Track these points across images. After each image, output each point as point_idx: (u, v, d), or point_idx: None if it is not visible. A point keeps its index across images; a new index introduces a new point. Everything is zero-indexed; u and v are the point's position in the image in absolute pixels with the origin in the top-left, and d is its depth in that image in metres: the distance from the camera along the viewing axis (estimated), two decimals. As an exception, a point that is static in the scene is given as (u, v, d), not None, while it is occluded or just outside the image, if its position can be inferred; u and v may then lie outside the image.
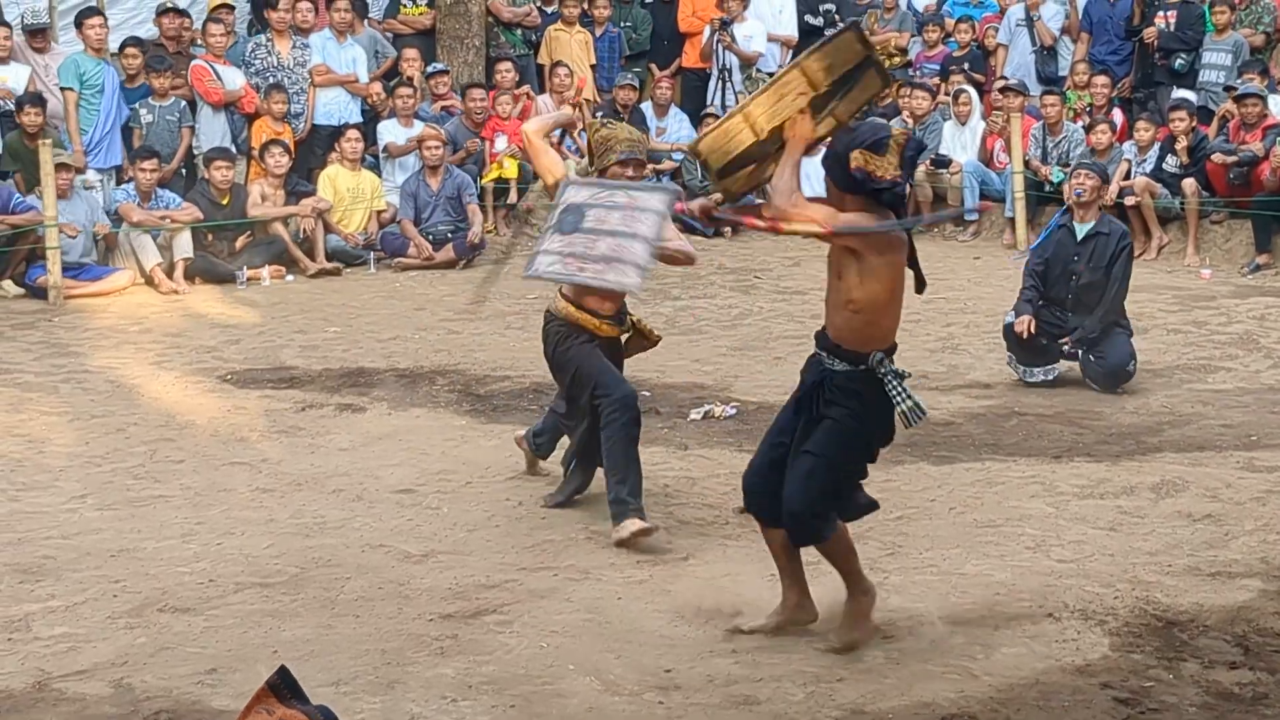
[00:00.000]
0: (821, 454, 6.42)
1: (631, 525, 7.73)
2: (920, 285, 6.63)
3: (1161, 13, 18.25)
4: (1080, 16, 19.05)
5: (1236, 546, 7.76)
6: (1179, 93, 17.48)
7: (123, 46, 17.16)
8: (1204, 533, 8.01)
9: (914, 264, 6.52)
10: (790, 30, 19.79)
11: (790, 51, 19.60)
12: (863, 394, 6.43)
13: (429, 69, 18.29)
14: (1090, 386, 11.06)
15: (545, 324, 8.36)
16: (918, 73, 19.47)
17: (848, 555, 6.59)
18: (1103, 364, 11.03)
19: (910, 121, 18.45)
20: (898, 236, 6.37)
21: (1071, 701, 6.02)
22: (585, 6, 19.44)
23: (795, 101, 6.44)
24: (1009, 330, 11.23)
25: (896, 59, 21.12)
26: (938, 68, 19.39)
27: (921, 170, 17.95)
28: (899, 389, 6.41)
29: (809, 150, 6.54)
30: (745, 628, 6.73)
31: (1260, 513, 8.30)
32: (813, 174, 6.67)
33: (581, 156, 18.10)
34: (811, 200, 6.41)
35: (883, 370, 6.41)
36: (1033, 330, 11.02)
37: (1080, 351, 11.15)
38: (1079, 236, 11.30)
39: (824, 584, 6.75)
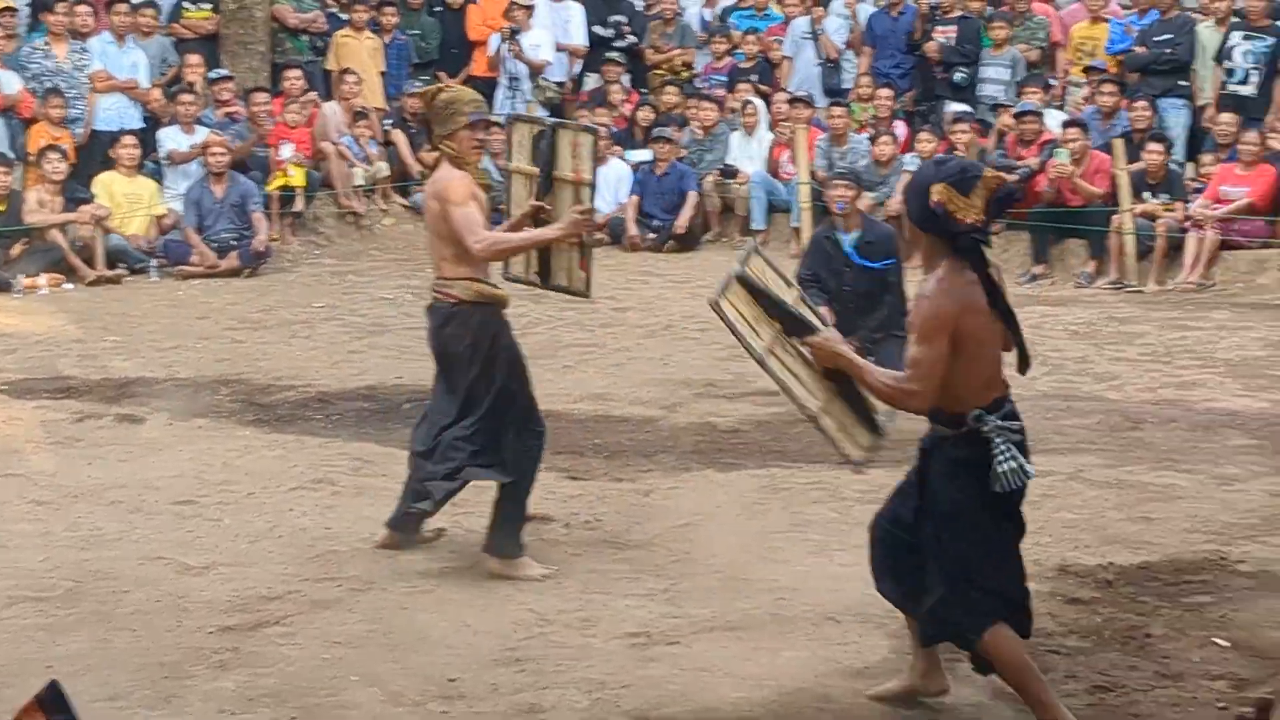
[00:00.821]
0: (943, 545, 5.76)
1: (536, 569, 7.47)
2: (1024, 365, 5.85)
3: (942, 28, 18.59)
4: (863, 30, 19.31)
5: (1031, 544, 7.89)
6: (958, 106, 17.81)
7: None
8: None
9: (1015, 336, 5.80)
10: (580, 40, 19.84)
11: (580, 61, 19.67)
12: (966, 461, 5.71)
13: (212, 75, 18.02)
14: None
15: (466, 318, 7.56)
16: (705, 84, 19.62)
17: (1016, 669, 5.76)
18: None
19: (700, 133, 18.60)
20: (963, 287, 5.66)
21: (851, 704, 6.09)
22: (374, 13, 19.30)
23: (794, 358, 6.14)
24: None
25: (684, 73, 21.27)
26: (725, 79, 19.54)
27: (710, 180, 18.09)
28: (1003, 448, 5.64)
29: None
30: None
31: (1034, 516, 8.40)
32: (603, 186, 6.64)
33: (370, 164, 18.02)
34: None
35: (986, 428, 5.68)
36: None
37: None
38: (845, 246, 10.98)
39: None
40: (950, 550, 5.72)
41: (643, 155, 18.32)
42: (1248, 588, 7.41)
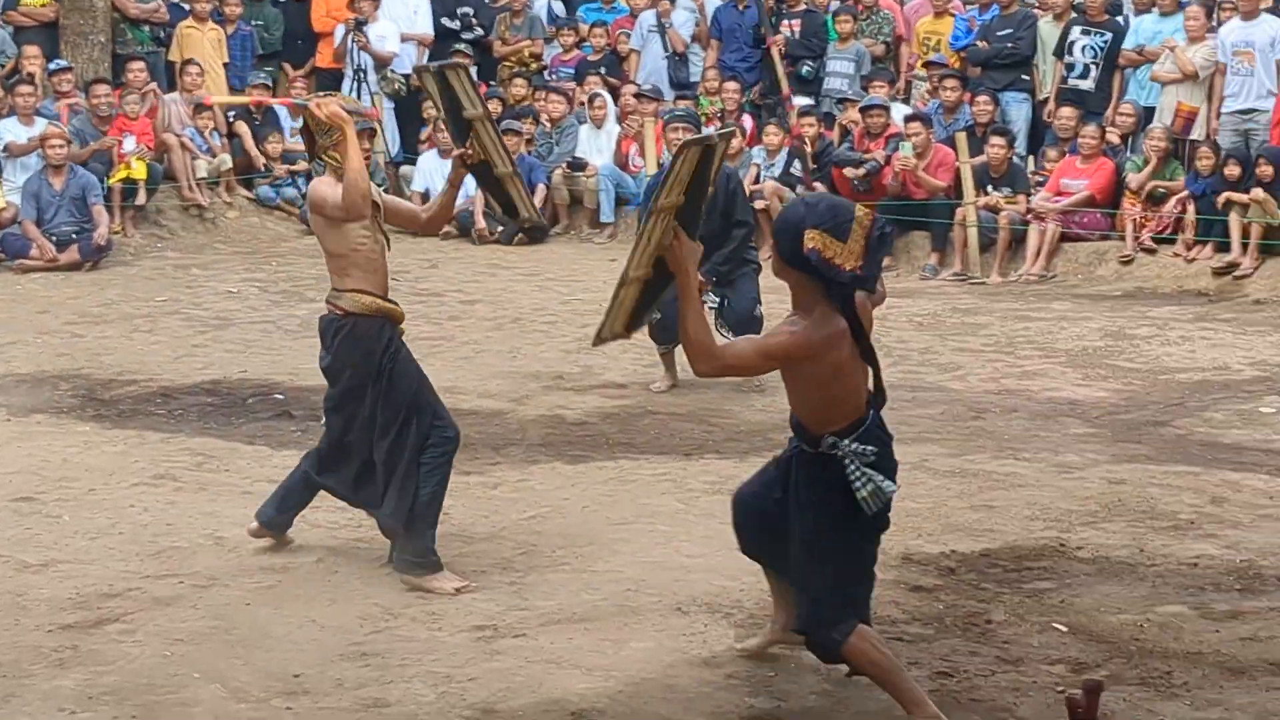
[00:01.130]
0: (810, 556, 5.83)
1: (450, 582, 7.20)
2: (878, 400, 5.84)
3: (787, 21, 18.70)
4: (710, 24, 19.39)
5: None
6: (802, 100, 17.95)
7: None
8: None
9: (875, 375, 5.82)
10: (425, 29, 19.74)
11: (426, 51, 19.57)
12: (824, 480, 5.76)
13: (51, 66, 17.73)
14: (724, 334, 10.55)
15: (345, 329, 7.39)
16: (553, 77, 19.62)
17: (878, 668, 5.82)
18: (731, 311, 11.03)
19: (548, 125, 18.58)
20: (829, 338, 5.66)
21: (697, 694, 6.12)
22: (216, 4, 19.09)
23: (664, 229, 5.98)
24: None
25: (532, 65, 21.23)
26: (573, 71, 19.54)
27: (558, 173, 18.09)
28: (857, 473, 5.68)
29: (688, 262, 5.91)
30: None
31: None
32: (432, 169, 6.57)
33: (213, 156, 17.81)
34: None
35: (840, 452, 5.71)
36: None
37: (713, 295, 10.90)
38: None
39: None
40: (816, 563, 5.80)
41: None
42: (1086, 574, 7.53)
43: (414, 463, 7.32)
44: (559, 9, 20.78)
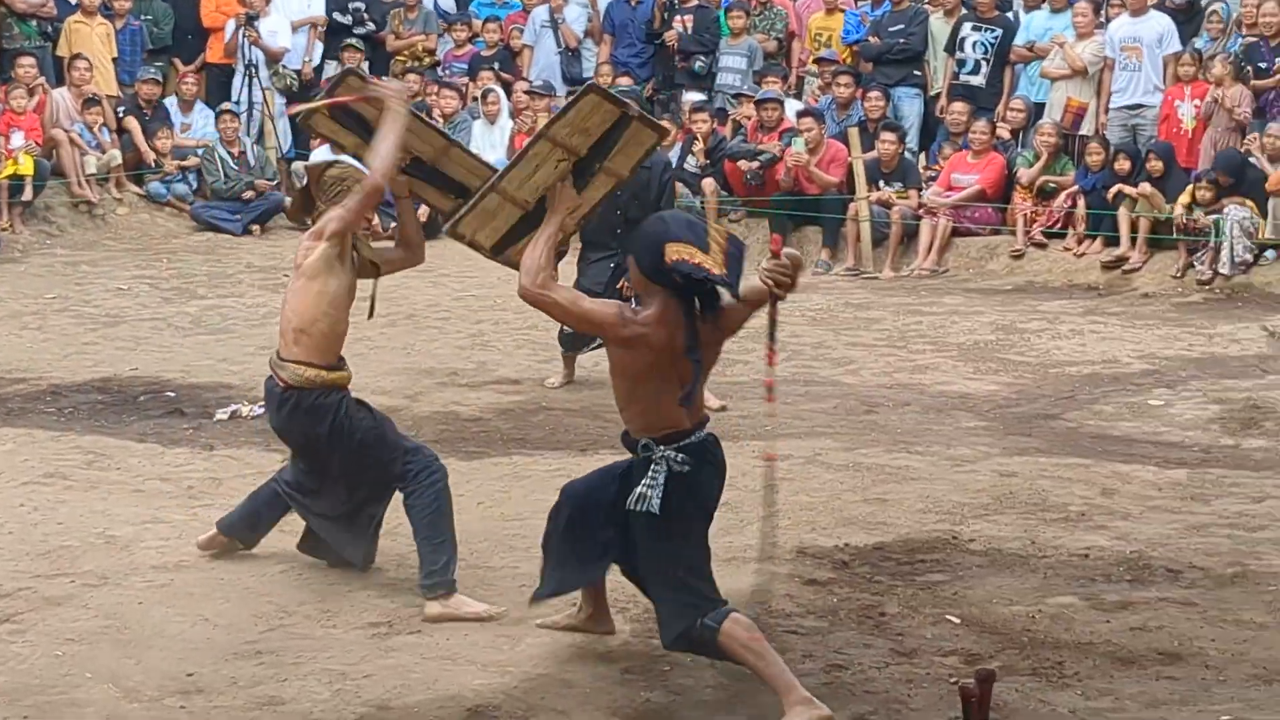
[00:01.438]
0: (656, 554, 6.06)
1: (470, 606, 6.93)
2: (685, 400, 6.03)
3: (680, 16, 18.74)
4: (603, 19, 19.40)
5: (750, 533, 7.99)
6: (695, 95, 17.99)
7: None
8: (720, 519, 8.11)
9: (696, 379, 6.02)
10: (319, 11, 19.61)
11: (319, 46, 19.46)
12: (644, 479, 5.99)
13: (-64, 60, 17.51)
14: None
15: (290, 403, 7.03)
16: (447, 72, 19.56)
17: (751, 652, 5.91)
18: None
19: (441, 120, 18.52)
20: (649, 335, 5.89)
21: (593, 689, 6.13)
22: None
23: (556, 169, 6.13)
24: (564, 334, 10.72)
25: (426, 60, 21.13)
26: (466, 67, 19.49)
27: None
28: (653, 477, 5.95)
29: (589, 215, 6.32)
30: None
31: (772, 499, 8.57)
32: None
33: (103, 152, 17.60)
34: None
35: (654, 455, 5.97)
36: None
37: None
38: None
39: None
40: (668, 556, 6.00)
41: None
42: (979, 566, 7.60)
43: (378, 513, 7.28)
44: (448, 4, 20.69)
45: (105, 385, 11.12)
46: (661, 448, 5.98)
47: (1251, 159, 14.92)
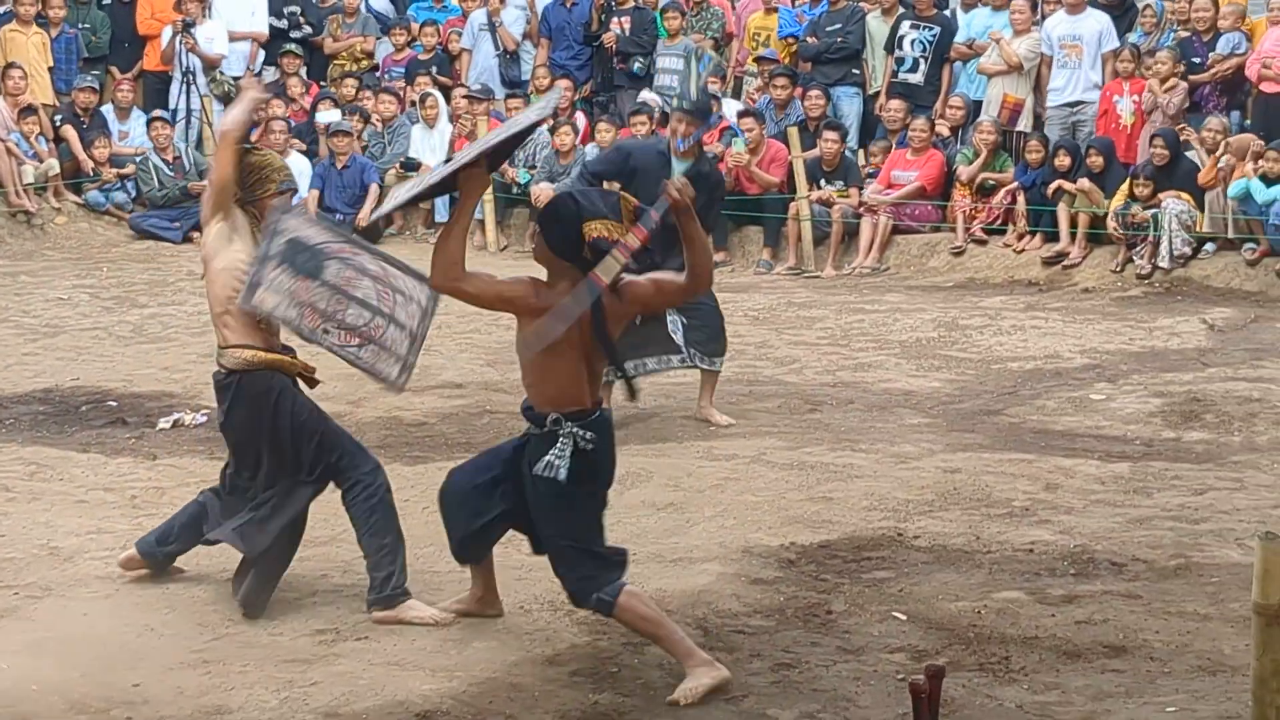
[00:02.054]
0: (559, 536, 6.29)
1: (421, 612, 6.90)
2: (631, 394, 6.83)
3: (617, 18, 18.73)
4: (540, 22, 19.38)
5: (696, 533, 8.02)
6: (642, 95, 17.98)
7: None
8: (666, 520, 8.25)
9: (610, 357, 6.26)
10: (261, 29, 19.55)
11: (260, 53, 19.43)
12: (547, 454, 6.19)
13: None
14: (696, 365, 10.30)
15: (233, 386, 6.98)
16: (385, 76, 19.51)
17: (648, 622, 6.22)
18: (704, 328, 10.18)
19: (379, 125, 18.49)
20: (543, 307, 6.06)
21: (542, 692, 6.13)
22: (40, 7, 18.75)
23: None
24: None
25: (364, 62, 20.93)
26: (404, 71, 19.44)
27: (391, 173, 17.99)
28: (560, 450, 6.15)
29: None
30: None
31: (718, 499, 8.61)
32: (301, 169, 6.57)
33: (40, 161, 17.49)
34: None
35: (561, 430, 6.16)
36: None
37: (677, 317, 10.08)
38: (674, 172, 9.61)
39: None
40: (568, 529, 6.26)
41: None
42: (924, 562, 7.64)
43: (301, 508, 7.12)
44: (383, 7, 20.55)
45: (46, 396, 11.04)
46: (569, 424, 6.15)
47: (1189, 152, 15.03)
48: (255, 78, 13.77)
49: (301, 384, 7.19)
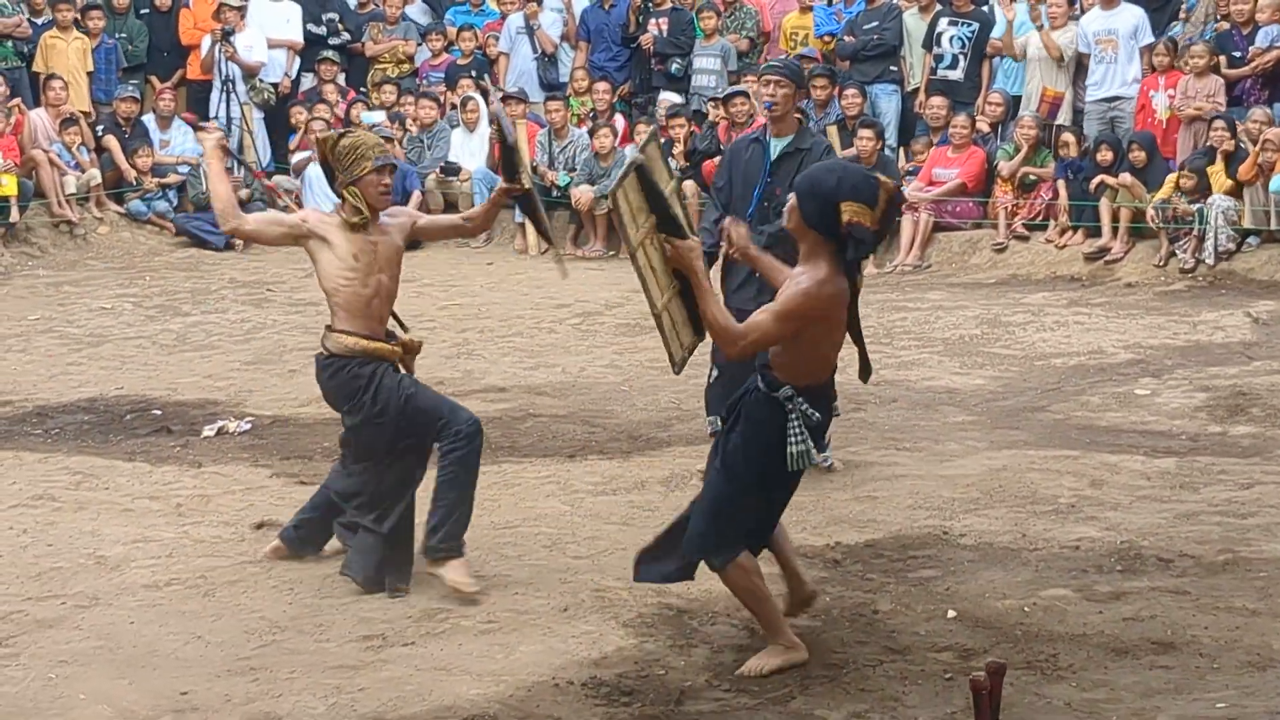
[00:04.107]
0: (718, 477, 6.39)
1: (461, 577, 7.16)
2: (864, 372, 6.66)
3: (655, 19, 18.73)
4: (578, 24, 19.39)
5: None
6: (670, 96, 17.99)
7: None
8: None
9: (858, 343, 6.51)
10: (296, 37, 19.60)
11: (296, 60, 19.48)
12: (765, 422, 6.27)
13: (-88, 84, 17.43)
14: None
15: (336, 371, 7.30)
16: (424, 81, 19.54)
17: (751, 596, 6.39)
18: None
19: (415, 130, 18.52)
20: (835, 296, 6.23)
21: (588, 695, 6.12)
22: (78, 16, 18.84)
23: (658, 248, 6.21)
24: (712, 387, 9.25)
25: (405, 65, 20.93)
26: (443, 76, 19.48)
27: (432, 178, 18.03)
28: (798, 430, 6.22)
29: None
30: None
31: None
32: (321, 187, 6.56)
33: (82, 171, 17.56)
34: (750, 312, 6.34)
35: (790, 406, 6.22)
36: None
37: None
38: (773, 154, 9.13)
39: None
40: (716, 486, 6.35)
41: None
42: (970, 560, 7.61)
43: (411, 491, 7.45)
44: (415, 14, 20.54)
45: (91, 405, 11.09)
46: (801, 400, 6.23)
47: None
48: (206, 124, 13.72)
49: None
